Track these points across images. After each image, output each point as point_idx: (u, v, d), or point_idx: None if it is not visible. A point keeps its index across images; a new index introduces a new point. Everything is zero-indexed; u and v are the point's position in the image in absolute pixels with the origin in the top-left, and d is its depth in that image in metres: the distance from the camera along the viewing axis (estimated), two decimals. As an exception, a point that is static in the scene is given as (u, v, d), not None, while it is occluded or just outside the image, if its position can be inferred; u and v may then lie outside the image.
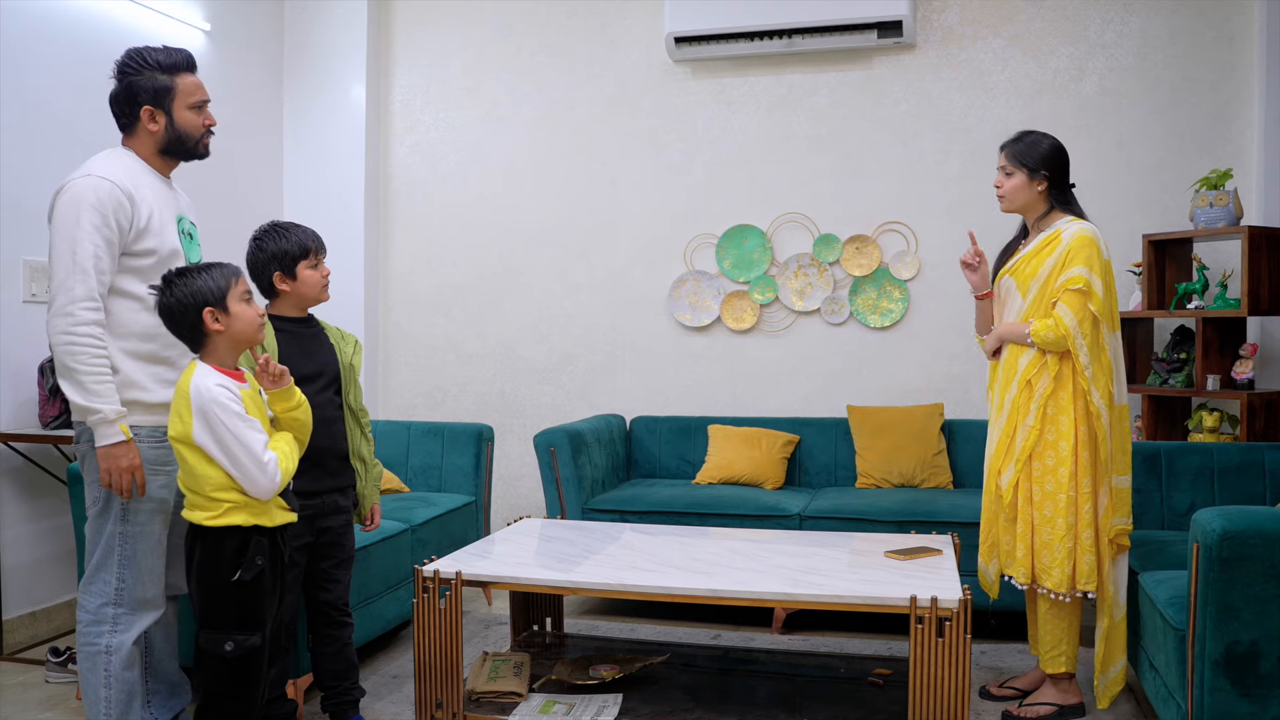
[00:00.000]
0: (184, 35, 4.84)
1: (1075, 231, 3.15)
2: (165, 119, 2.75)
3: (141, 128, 2.75)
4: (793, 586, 2.87)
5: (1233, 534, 2.49)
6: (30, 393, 4.00)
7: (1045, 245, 3.20)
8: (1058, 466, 3.11)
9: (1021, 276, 3.24)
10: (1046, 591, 3.14)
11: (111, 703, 2.66)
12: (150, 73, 2.72)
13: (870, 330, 5.15)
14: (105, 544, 2.67)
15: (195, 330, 2.49)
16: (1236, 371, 4.22)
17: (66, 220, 2.57)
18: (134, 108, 2.74)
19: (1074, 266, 3.09)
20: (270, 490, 2.44)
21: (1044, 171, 3.23)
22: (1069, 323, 3.07)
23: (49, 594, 4.12)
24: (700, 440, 5.02)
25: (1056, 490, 3.11)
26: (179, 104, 2.76)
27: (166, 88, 2.73)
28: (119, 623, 2.67)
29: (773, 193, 5.25)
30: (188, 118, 2.77)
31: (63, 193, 2.61)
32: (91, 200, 2.57)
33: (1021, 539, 3.17)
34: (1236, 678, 2.53)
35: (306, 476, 2.88)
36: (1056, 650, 3.19)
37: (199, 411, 2.39)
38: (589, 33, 5.48)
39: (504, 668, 3.24)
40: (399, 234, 5.78)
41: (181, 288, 2.47)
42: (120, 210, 2.61)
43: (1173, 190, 4.73)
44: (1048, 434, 3.13)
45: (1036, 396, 3.14)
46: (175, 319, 2.50)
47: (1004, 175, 3.27)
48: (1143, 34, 4.81)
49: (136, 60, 2.73)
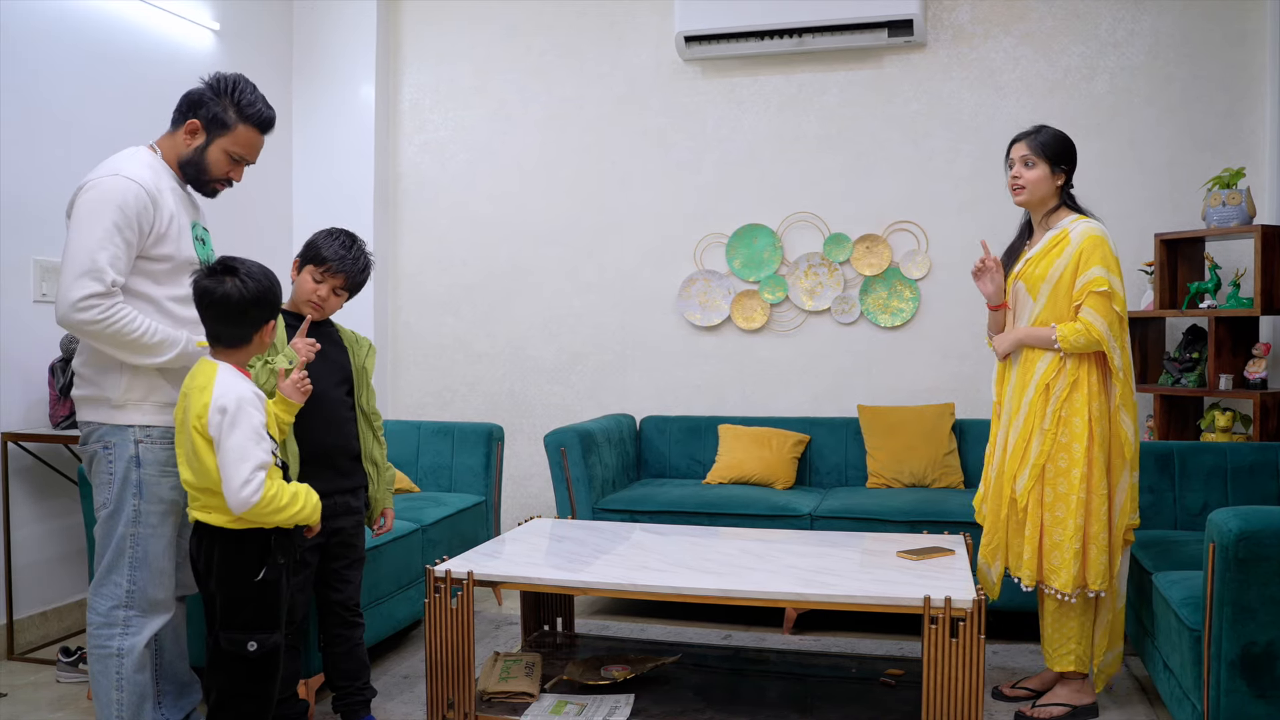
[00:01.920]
0: (193, 35, 4.84)
1: (1084, 231, 3.13)
2: (202, 143, 2.75)
3: (180, 133, 2.76)
4: (804, 586, 2.86)
5: (1249, 534, 2.47)
6: (41, 393, 4.01)
7: (1053, 246, 3.17)
8: (1070, 468, 3.09)
9: (1031, 279, 3.20)
10: (1053, 592, 3.13)
11: (124, 705, 2.66)
12: (226, 103, 2.75)
13: (881, 330, 5.14)
14: (116, 546, 2.66)
15: (246, 332, 2.48)
16: (1249, 371, 4.19)
17: (89, 219, 2.56)
18: (190, 113, 2.75)
19: (1092, 268, 3.07)
20: (239, 508, 2.37)
21: (1064, 165, 3.22)
22: (1101, 327, 3.05)
23: (60, 594, 4.12)
24: (710, 440, 5.01)
25: (1068, 492, 3.09)
26: (224, 143, 2.76)
27: (225, 123, 2.75)
28: (130, 625, 2.67)
29: (783, 192, 5.24)
30: (220, 159, 2.78)
31: (88, 190, 2.60)
32: (118, 201, 2.56)
33: (1029, 540, 3.15)
34: (1252, 679, 2.52)
35: (318, 477, 2.87)
36: (1064, 649, 3.17)
37: (222, 409, 2.38)
38: (598, 32, 5.47)
39: (515, 668, 3.23)
40: (408, 233, 5.78)
41: (257, 285, 2.45)
42: (144, 214, 2.61)
43: (1184, 189, 4.71)
44: (1061, 437, 3.11)
45: (1053, 400, 3.12)
46: (230, 310, 2.45)
47: (1024, 167, 3.22)
48: (1154, 32, 4.79)
49: (229, 88, 2.75)
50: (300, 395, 2.67)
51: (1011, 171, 3.27)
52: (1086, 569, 3.09)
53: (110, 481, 2.66)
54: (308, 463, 2.89)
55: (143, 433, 2.66)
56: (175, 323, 2.68)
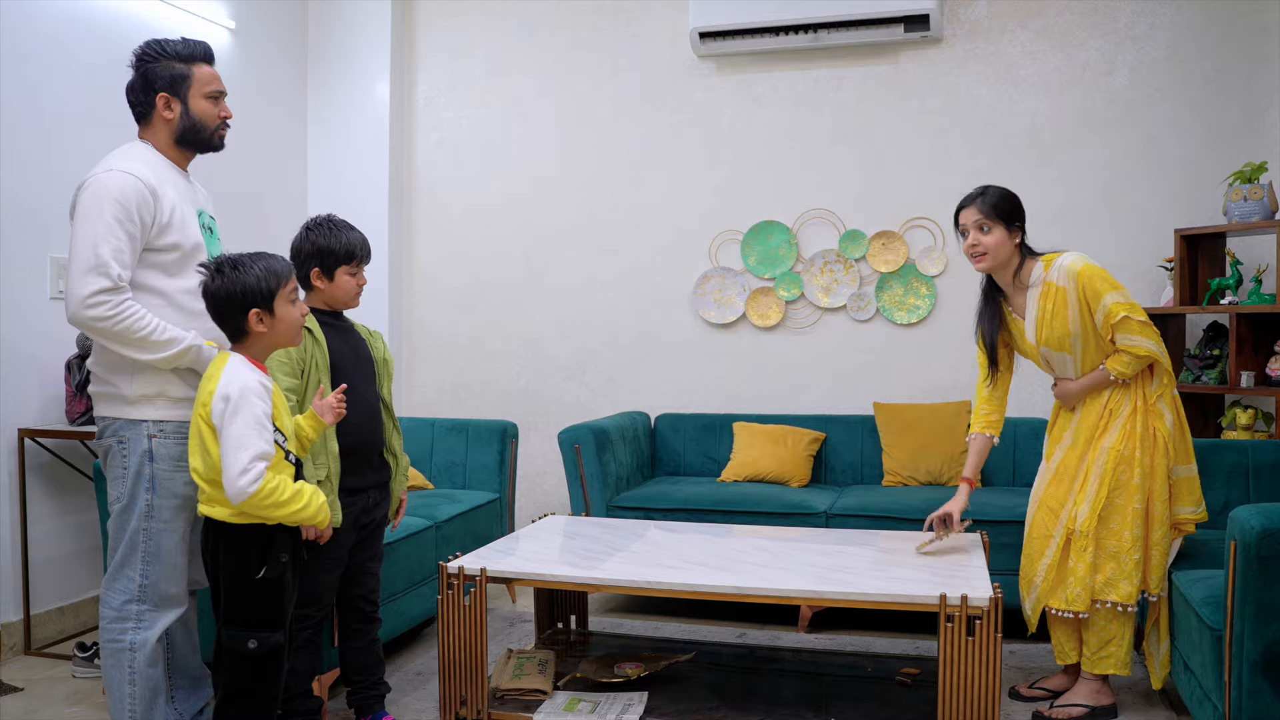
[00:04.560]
0: (209, 33, 4.85)
1: (1067, 269, 3.10)
2: (181, 107, 2.74)
3: (157, 116, 2.74)
4: (820, 584, 2.84)
5: (1272, 532, 2.44)
6: (57, 389, 4.02)
7: (1050, 303, 3.14)
8: (1131, 481, 3.07)
9: (1055, 342, 3.17)
10: (1113, 605, 3.07)
11: (136, 699, 2.66)
12: (167, 61, 2.72)
13: (897, 327, 5.10)
14: (129, 541, 2.67)
15: (237, 325, 2.48)
16: (1271, 368, 4.14)
17: (89, 215, 2.56)
18: (150, 95, 2.73)
19: (1100, 300, 3.06)
20: (236, 497, 2.34)
21: (1017, 222, 3.19)
22: (1148, 345, 3.04)
23: (76, 589, 4.14)
24: (725, 438, 4.99)
25: (1126, 504, 3.07)
26: (195, 92, 2.75)
27: (183, 75, 2.73)
28: (143, 619, 2.67)
29: (798, 188, 5.22)
30: (203, 107, 2.77)
31: (85, 188, 2.60)
32: (115, 195, 2.56)
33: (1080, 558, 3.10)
34: (1275, 679, 2.48)
35: (357, 473, 2.92)
36: (1104, 651, 3.13)
37: (225, 397, 2.37)
38: (613, 29, 5.46)
39: (529, 665, 3.22)
40: (422, 231, 5.78)
41: (231, 279, 2.44)
42: (144, 206, 2.60)
43: (1205, 184, 4.66)
44: (1124, 450, 3.09)
45: (1120, 417, 3.12)
46: (219, 308, 2.47)
47: (980, 233, 3.17)
48: (1174, 26, 4.74)
49: (154, 49, 2.73)
50: (334, 418, 2.67)
51: (967, 240, 3.21)
52: (1148, 575, 3.07)
53: (124, 476, 2.66)
54: (348, 457, 2.90)
55: (156, 427, 2.66)
56: (187, 316, 2.68)
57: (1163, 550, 3.08)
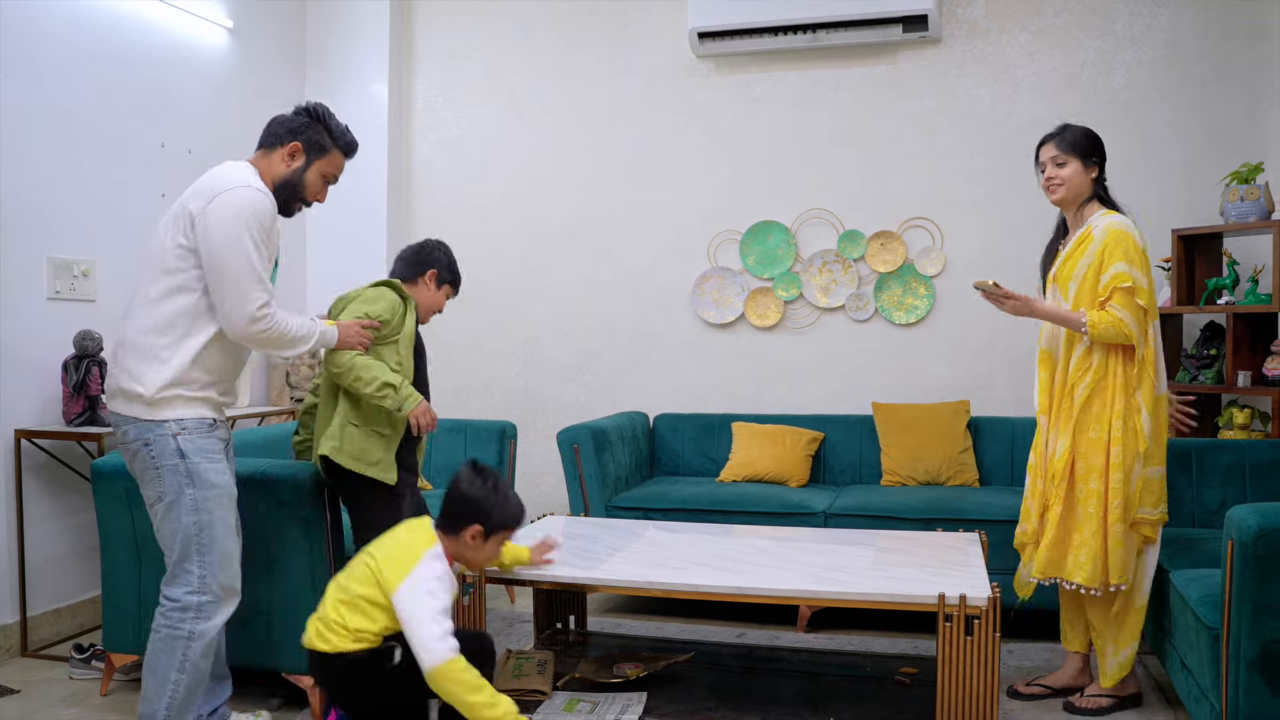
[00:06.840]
0: (207, 32, 4.85)
1: (1107, 226, 3.13)
2: (302, 164, 2.85)
3: (279, 155, 2.85)
4: (818, 584, 2.85)
5: (1269, 531, 2.44)
6: (54, 390, 4.02)
7: (1079, 244, 3.19)
8: (1097, 465, 3.08)
9: (1061, 279, 3.22)
10: (1075, 586, 3.10)
11: (179, 686, 2.70)
12: (324, 129, 2.88)
13: (895, 327, 5.11)
14: (183, 539, 2.71)
15: (458, 523, 2.60)
16: (1268, 368, 4.15)
17: (239, 229, 2.63)
18: (290, 137, 2.85)
19: (1114, 263, 3.07)
20: (430, 666, 2.39)
21: (1094, 159, 3.23)
22: (1129, 325, 3.04)
23: (73, 591, 4.13)
24: (724, 438, 4.99)
25: (1096, 489, 3.08)
26: (321, 165, 2.89)
27: (324, 147, 2.89)
28: (203, 610, 2.72)
29: (797, 189, 5.22)
30: (315, 180, 2.91)
31: (223, 199, 2.65)
32: (256, 210, 2.67)
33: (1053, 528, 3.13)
34: (1272, 678, 2.48)
35: (410, 452, 3.23)
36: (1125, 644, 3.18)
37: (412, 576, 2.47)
38: (611, 29, 5.46)
39: (527, 665, 3.22)
40: (421, 231, 5.76)
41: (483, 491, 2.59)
42: (273, 227, 2.74)
43: (1202, 185, 4.67)
44: (1092, 433, 3.10)
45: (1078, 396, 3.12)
46: (459, 501, 2.60)
47: (1056, 166, 3.24)
48: (1172, 27, 4.74)
49: (324, 115, 2.90)
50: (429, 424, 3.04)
51: (1045, 174, 3.28)
52: (1108, 563, 3.07)
53: (159, 476, 2.70)
54: (405, 445, 3.18)
55: (178, 426, 2.70)
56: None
57: (1118, 540, 3.05)
